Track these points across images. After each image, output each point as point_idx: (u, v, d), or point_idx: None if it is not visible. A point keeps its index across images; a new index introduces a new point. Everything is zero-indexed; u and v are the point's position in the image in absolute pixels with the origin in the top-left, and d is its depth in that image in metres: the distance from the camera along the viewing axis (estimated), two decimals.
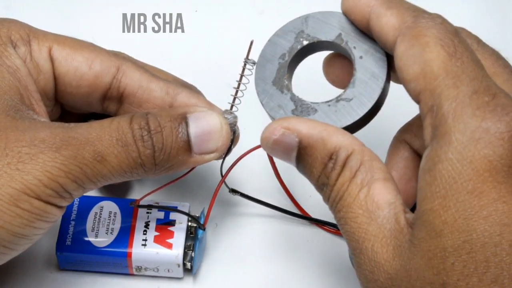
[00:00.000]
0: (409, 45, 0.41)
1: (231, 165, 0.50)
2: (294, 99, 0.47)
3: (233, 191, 0.52)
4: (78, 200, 0.53)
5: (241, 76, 0.49)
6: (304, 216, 0.54)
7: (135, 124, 0.45)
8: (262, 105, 0.47)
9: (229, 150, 0.48)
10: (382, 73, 0.45)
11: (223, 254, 0.54)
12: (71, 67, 0.50)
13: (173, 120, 0.46)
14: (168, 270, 0.51)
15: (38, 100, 0.48)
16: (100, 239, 0.51)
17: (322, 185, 0.42)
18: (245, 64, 0.48)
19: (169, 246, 0.51)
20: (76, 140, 0.44)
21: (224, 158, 0.49)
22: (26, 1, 0.66)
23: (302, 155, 0.43)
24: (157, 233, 0.51)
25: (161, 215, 0.52)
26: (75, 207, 0.53)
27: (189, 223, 0.52)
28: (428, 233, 0.38)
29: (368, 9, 0.44)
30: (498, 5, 0.69)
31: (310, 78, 0.51)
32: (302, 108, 0.46)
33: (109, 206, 0.53)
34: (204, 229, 0.52)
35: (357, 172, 0.41)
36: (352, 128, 0.45)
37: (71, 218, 0.52)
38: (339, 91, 0.46)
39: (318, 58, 0.50)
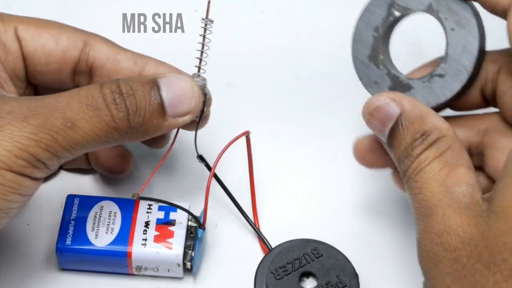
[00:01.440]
0: None
1: (218, 155, 0.50)
2: (390, 75, 0.48)
3: (201, 158, 0.51)
4: (78, 200, 0.53)
5: (204, 36, 0.49)
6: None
7: (106, 89, 0.45)
8: (360, 80, 0.49)
9: (202, 113, 0.48)
10: (474, 46, 0.46)
11: (223, 254, 0.54)
12: (38, 45, 0.50)
13: (145, 84, 0.46)
14: (168, 270, 0.51)
15: (6, 80, 0.48)
16: (100, 239, 0.51)
17: (405, 156, 0.43)
18: (205, 25, 0.49)
19: (169, 245, 0.51)
20: (44, 109, 0.44)
21: (197, 126, 0.49)
22: (26, 1, 0.66)
23: (398, 127, 0.44)
24: (157, 233, 0.51)
25: (161, 214, 0.52)
26: (75, 207, 0.52)
27: (189, 223, 0.52)
28: None
29: None
30: None
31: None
32: (397, 85, 0.48)
33: (109, 206, 0.52)
34: (204, 229, 0.52)
35: (444, 153, 0.43)
36: (445, 105, 0.47)
37: (71, 218, 0.52)
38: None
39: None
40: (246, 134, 0.51)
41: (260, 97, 0.61)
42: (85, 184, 0.56)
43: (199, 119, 0.49)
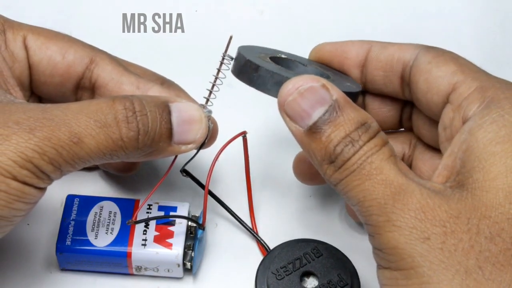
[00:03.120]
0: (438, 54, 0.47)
1: (216, 156, 0.50)
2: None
3: (185, 172, 0.51)
4: (78, 200, 0.53)
5: (218, 71, 0.49)
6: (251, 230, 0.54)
7: (118, 105, 0.45)
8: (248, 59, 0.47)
9: (203, 144, 0.48)
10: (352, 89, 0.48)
11: (223, 253, 0.54)
12: (44, 56, 0.51)
13: (158, 106, 0.46)
14: (168, 270, 0.51)
15: (14, 86, 0.48)
16: (100, 239, 0.51)
17: (350, 142, 0.42)
18: (223, 59, 0.48)
19: (169, 246, 0.51)
20: (51, 122, 0.43)
21: (196, 153, 0.49)
22: (26, 1, 0.66)
23: (334, 112, 0.42)
24: (157, 233, 0.51)
25: (161, 214, 0.52)
26: (75, 207, 0.52)
27: (189, 223, 0.52)
28: (500, 172, 0.40)
29: (367, 46, 0.50)
30: (498, 5, 0.68)
31: None
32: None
33: (109, 206, 0.52)
34: (203, 229, 0.52)
35: (388, 144, 0.43)
36: None
37: (71, 218, 0.52)
38: None
39: None
40: (243, 135, 0.51)
41: (260, 97, 0.59)
42: (85, 184, 0.56)
43: (198, 149, 0.49)
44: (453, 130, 0.45)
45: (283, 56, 0.51)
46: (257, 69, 0.46)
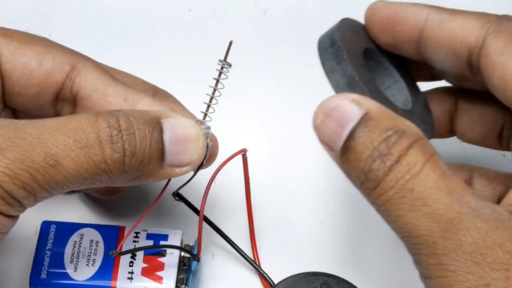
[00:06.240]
0: (510, 39, 0.42)
1: (212, 177, 0.48)
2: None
3: (178, 195, 0.49)
4: (55, 227, 0.51)
5: (217, 81, 0.46)
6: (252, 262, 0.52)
7: (102, 122, 0.42)
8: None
9: (200, 165, 0.46)
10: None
11: (220, 287, 0.52)
12: (18, 63, 0.48)
13: (148, 123, 0.43)
14: None
15: None
16: (80, 271, 0.49)
17: (378, 156, 0.38)
18: (222, 67, 0.46)
19: (159, 279, 0.49)
20: (24, 141, 0.41)
21: (193, 175, 0.46)
22: (10, 1, 0.65)
23: (360, 127, 0.39)
24: (145, 265, 0.49)
25: (149, 243, 0.50)
26: (51, 235, 0.50)
27: (182, 253, 0.50)
28: None
29: (421, 18, 0.45)
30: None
31: None
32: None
33: (90, 234, 0.50)
34: (198, 260, 0.49)
35: (433, 158, 0.38)
36: None
37: (47, 248, 0.50)
38: None
39: None
40: (243, 153, 0.49)
41: (262, 108, 0.60)
42: (62, 209, 0.54)
43: (195, 172, 0.46)
44: None
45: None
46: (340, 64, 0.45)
